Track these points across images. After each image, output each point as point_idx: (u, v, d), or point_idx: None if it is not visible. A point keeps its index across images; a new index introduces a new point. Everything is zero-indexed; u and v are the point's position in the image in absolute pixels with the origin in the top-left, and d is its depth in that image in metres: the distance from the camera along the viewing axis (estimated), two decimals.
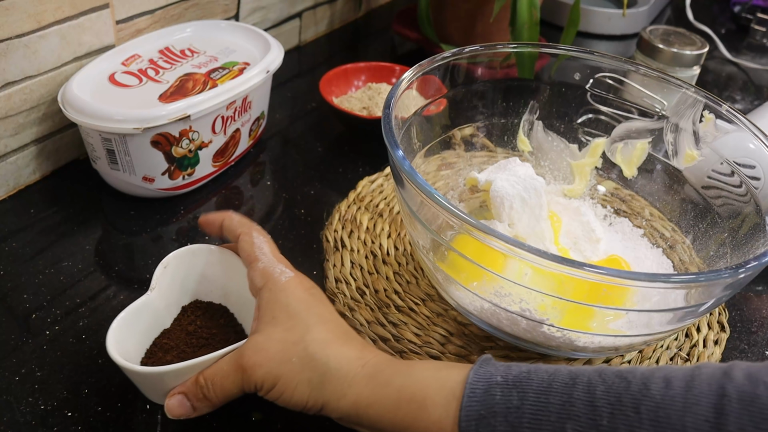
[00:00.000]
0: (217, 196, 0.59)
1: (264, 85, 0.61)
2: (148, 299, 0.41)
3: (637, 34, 0.78)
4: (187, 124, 0.53)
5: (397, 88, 0.46)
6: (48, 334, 0.44)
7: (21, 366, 0.42)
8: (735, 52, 0.96)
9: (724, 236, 0.49)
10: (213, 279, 0.44)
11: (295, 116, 0.71)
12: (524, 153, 0.59)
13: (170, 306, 0.43)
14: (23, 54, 0.52)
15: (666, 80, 0.53)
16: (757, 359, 0.49)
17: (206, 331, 0.42)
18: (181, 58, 0.59)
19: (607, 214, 0.57)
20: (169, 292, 0.43)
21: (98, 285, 0.49)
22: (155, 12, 0.62)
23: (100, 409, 0.40)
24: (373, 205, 0.58)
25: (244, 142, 0.62)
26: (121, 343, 0.38)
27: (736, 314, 0.53)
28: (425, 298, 0.50)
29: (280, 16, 0.79)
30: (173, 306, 0.43)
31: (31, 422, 0.39)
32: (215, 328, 0.42)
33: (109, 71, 0.55)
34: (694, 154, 0.52)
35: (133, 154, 0.52)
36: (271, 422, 0.41)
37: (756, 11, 1.04)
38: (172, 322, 0.43)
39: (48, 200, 0.56)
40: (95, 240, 0.53)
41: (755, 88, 0.90)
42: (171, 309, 0.43)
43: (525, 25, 0.67)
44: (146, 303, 0.40)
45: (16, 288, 0.48)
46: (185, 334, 0.42)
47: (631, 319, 0.40)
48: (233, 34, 0.64)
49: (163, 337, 0.42)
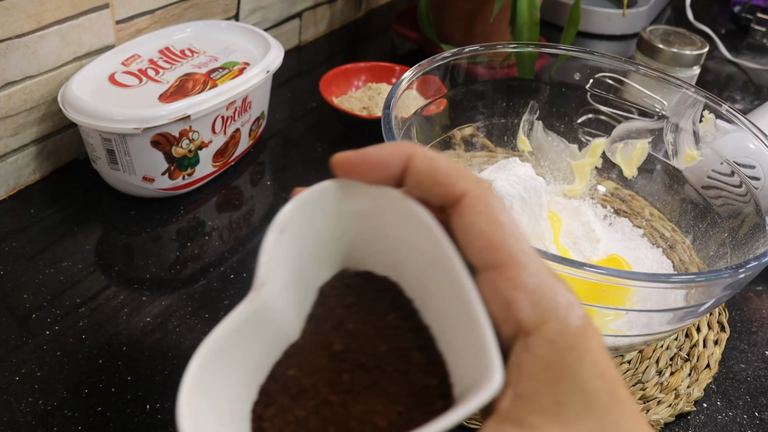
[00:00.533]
0: (217, 196, 0.59)
1: (264, 85, 0.61)
2: (255, 309, 0.22)
3: (637, 34, 0.78)
4: (187, 124, 0.53)
5: (397, 88, 0.46)
6: (48, 334, 0.44)
7: (21, 366, 0.42)
8: (735, 52, 0.96)
9: (724, 236, 0.49)
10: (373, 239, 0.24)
11: (295, 116, 0.71)
12: (524, 153, 0.59)
13: (298, 300, 0.24)
14: (23, 54, 0.51)
15: (666, 80, 0.53)
16: (757, 359, 0.49)
17: (366, 347, 0.22)
18: (181, 58, 0.59)
19: (607, 214, 0.57)
20: (295, 276, 0.23)
21: (98, 285, 0.48)
22: (155, 12, 0.62)
23: (100, 409, 0.40)
24: None
25: (244, 142, 0.62)
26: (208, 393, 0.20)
27: (736, 314, 0.53)
28: None
29: (280, 16, 0.79)
30: (303, 298, 0.24)
31: (31, 422, 0.39)
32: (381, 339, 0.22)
33: (109, 71, 0.55)
34: (694, 154, 0.52)
35: (133, 154, 0.52)
36: None
37: (756, 11, 1.04)
38: (302, 329, 0.24)
39: (48, 200, 0.56)
40: (95, 240, 0.53)
41: (755, 88, 0.90)
42: (299, 304, 0.24)
43: (525, 25, 0.67)
44: (253, 316, 0.22)
45: (16, 288, 0.48)
46: (327, 358, 0.22)
47: (631, 319, 0.41)
48: (233, 34, 0.64)
49: (289, 362, 0.23)
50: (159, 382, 0.42)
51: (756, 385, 0.47)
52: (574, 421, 0.19)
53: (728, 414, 0.45)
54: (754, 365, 0.49)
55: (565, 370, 0.19)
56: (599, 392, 0.19)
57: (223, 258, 0.52)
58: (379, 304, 0.23)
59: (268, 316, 0.22)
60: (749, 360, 0.49)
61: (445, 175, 0.21)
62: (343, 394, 0.21)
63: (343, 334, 0.22)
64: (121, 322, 0.46)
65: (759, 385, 0.47)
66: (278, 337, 0.23)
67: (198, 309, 0.47)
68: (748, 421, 0.44)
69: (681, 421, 0.44)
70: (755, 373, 0.48)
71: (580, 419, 0.19)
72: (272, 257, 0.22)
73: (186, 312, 0.47)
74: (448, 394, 0.21)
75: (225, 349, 0.21)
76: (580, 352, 0.19)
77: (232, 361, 0.21)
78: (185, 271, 0.51)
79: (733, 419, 0.44)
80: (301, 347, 0.23)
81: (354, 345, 0.22)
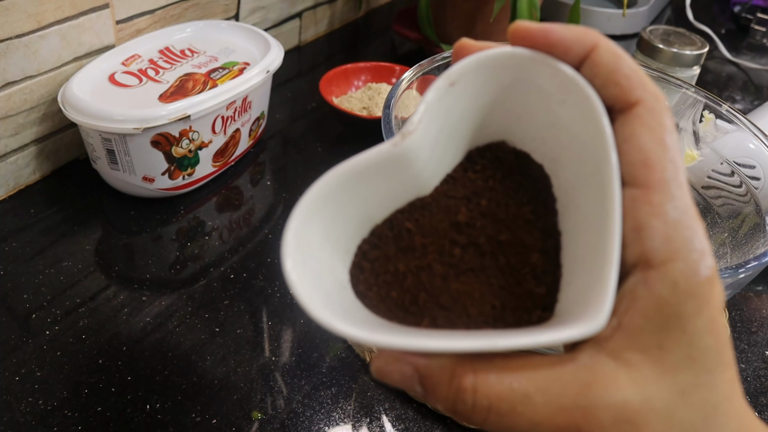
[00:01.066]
0: (217, 196, 0.59)
1: (264, 85, 0.61)
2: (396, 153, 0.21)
3: (637, 34, 0.78)
4: (187, 124, 0.53)
5: (397, 88, 0.46)
6: (48, 334, 0.44)
7: (21, 366, 0.42)
8: (735, 52, 0.96)
9: (724, 236, 0.49)
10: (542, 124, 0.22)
11: (295, 116, 0.71)
12: None
13: (441, 156, 0.23)
14: (23, 54, 0.52)
15: (666, 80, 0.53)
16: (756, 359, 0.49)
17: (490, 229, 0.21)
18: (181, 58, 0.59)
19: None
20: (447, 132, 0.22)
21: (98, 285, 0.49)
22: (155, 12, 0.62)
23: (100, 409, 0.40)
24: None
25: (244, 142, 0.62)
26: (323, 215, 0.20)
27: (736, 314, 0.53)
28: None
29: (280, 16, 0.79)
30: (447, 156, 0.23)
31: (31, 422, 0.39)
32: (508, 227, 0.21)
33: (109, 71, 0.55)
34: (694, 154, 0.52)
35: (133, 154, 0.52)
36: (271, 422, 0.41)
37: (756, 11, 1.04)
38: (436, 187, 0.23)
39: (48, 200, 0.56)
40: (95, 240, 0.53)
41: (755, 88, 0.90)
42: (440, 161, 0.23)
43: None
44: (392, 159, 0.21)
45: (16, 288, 0.48)
46: (448, 225, 0.21)
47: None
48: (233, 34, 0.64)
49: (411, 215, 0.22)
50: (159, 382, 0.42)
51: (756, 385, 0.47)
52: (672, 370, 0.18)
53: None
54: (754, 365, 0.49)
55: (678, 316, 0.18)
56: (707, 349, 0.18)
57: (223, 258, 0.52)
58: (523, 191, 0.22)
59: (407, 164, 0.21)
60: (749, 360, 0.49)
61: (627, 77, 0.20)
62: (448, 267, 0.21)
63: (473, 207, 0.22)
64: (121, 322, 0.46)
65: (759, 385, 0.47)
66: (408, 188, 0.22)
67: (198, 309, 0.47)
68: None
69: None
70: (755, 373, 0.48)
71: (679, 370, 0.18)
72: (430, 107, 0.21)
73: (186, 312, 0.47)
74: (549, 307, 0.20)
75: (353, 181, 0.21)
76: (699, 302, 0.18)
77: (356, 195, 0.21)
78: (185, 271, 0.51)
79: None
80: (427, 204, 0.22)
81: (479, 222, 0.21)
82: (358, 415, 0.42)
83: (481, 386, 0.18)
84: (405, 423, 0.41)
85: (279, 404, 0.42)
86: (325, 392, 0.43)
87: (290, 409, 0.41)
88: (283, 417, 0.41)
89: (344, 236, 0.21)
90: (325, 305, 0.18)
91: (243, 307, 0.48)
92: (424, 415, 0.42)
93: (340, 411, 0.42)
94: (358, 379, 0.44)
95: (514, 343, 0.17)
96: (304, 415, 0.41)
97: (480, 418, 0.18)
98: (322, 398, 0.42)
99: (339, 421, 0.41)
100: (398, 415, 0.42)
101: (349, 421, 0.41)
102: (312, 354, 0.45)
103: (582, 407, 0.18)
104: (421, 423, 0.42)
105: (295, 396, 0.42)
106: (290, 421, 0.41)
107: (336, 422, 0.41)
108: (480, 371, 0.18)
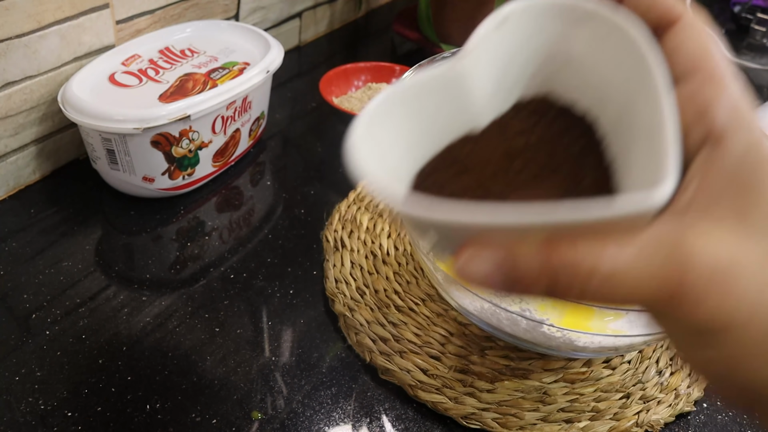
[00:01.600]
0: (217, 196, 0.59)
1: (264, 85, 0.61)
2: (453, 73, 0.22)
3: None
4: (187, 124, 0.53)
5: None
6: (48, 334, 0.44)
7: (21, 366, 0.42)
8: (735, 52, 0.96)
9: None
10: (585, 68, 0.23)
11: (295, 116, 0.71)
12: None
13: (493, 94, 0.23)
14: (23, 54, 0.52)
15: None
16: None
17: (542, 157, 0.22)
18: (181, 58, 0.59)
19: None
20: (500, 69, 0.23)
21: (98, 285, 0.49)
22: (155, 12, 0.62)
23: (100, 409, 0.40)
24: (373, 205, 0.58)
25: (244, 142, 0.62)
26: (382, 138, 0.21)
27: None
28: (425, 298, 0.50)
29: (280, 16, 0.79)
30: (500, 95, 0.24)
31: (31, 422, 0.39)
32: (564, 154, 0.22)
33: (109, 71, 0.55)
34: None
35: (133, 154, 0.52)
36: (271, 422, 0.41)
37: (756, 11, 1.04)
38: (491, 122, 0.24)
39: (48, 200, 0.56)
40: (95, 240, 0.53)
41: (755, 88, 0.90)
42: (494, 99, 0.23)
43: None
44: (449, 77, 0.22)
45: (16, 288, 0.48)
46: (502, 153, 0.22)
47: (631, 319, 0.41)
48: (233, 34, 0.64)
49: (465, 144, 0.23)
50: (159, 382, 0.42)
51: None
52: (754, 234, 0.18)
53: (728, 414, 0.45)
54: None
55: (753, 181, 0.18)
56: None
57: (223, 258, 0.52)
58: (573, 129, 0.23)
59: (463, 87, 0.22)
60: None
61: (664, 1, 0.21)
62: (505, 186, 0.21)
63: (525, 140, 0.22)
64: (121, 322, 0.46)
65: None
66: (462, 117, 0.23)
67: (198, 309, 0.47)
68: (748, 421, 0.44)
69: (681, 421, 0.44)
70: None
71: (761, 233, 0.18)
72: (484, 40, 0.22)
73: (186, 312, 0.47)
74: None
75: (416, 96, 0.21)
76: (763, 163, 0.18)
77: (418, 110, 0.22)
78: (185, 271, 0.51)
79: (733, 419, 0.44)
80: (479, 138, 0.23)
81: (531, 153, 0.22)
82: (358, 415, 0.42)
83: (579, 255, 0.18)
84: (405, 423, 0.41)
85: (279, 404, 0.42)
86: (325, 392, 0.43)
87: (290, 409, 0.41)
88: (283, 417, 0.41)
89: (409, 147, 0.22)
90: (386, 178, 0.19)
91: (243, 307, 0.48)
92: (424, 415, 0.42)
93: (340, 411, 0.42)
94: (358, 379, 0.44)
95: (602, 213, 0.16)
96: (304, 415, 0.41)
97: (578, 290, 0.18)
98: (322, 398, 0.42)
99: (339, 421, 0.41)
100: (398, 415, 0.42)
101: (349, 421, 0.41)
102: (312, 354, 0.45)
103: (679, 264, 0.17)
104: (421, 423, 0.42)
105: (295, 396, 0.42)
106: (290, 421, 0.41)
107: (336, 422, 0.41)
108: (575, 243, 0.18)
